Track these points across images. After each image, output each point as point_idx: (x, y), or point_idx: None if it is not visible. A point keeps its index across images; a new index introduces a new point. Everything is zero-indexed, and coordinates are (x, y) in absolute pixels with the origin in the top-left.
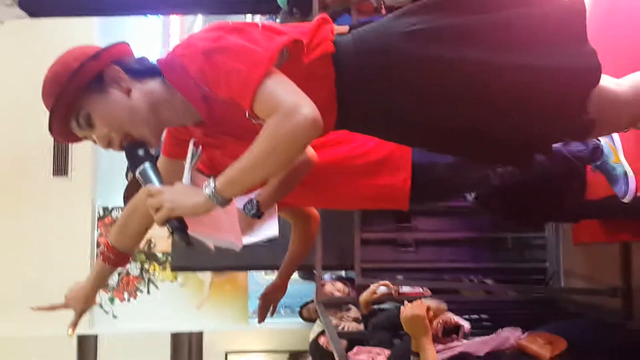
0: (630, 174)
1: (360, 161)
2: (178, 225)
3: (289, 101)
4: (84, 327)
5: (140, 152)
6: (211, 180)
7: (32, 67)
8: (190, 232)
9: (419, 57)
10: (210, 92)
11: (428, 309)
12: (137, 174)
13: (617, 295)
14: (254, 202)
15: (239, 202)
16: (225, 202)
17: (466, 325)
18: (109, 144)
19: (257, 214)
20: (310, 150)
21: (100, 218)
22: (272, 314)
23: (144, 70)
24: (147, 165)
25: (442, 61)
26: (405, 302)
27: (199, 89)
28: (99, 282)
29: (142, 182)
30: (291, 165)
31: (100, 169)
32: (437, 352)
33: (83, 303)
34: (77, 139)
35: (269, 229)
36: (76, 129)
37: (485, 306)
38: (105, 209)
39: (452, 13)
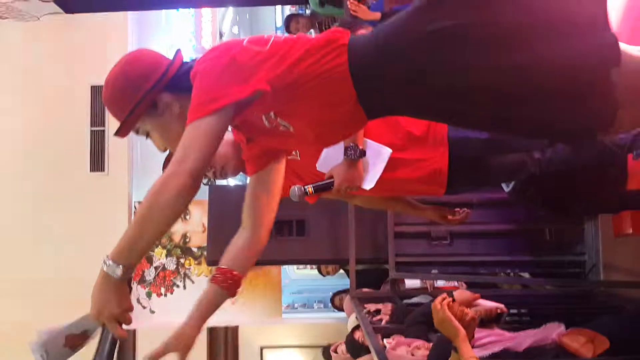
0: None
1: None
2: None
3: (185, 150)
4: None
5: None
6: (104, 256)
7: (69, 62)
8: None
9: (437, 61)
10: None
11: (450, 306)
12: None
13: None
14: (354, 146)
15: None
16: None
17: (502, 307)
18: (165, 150)
19: (361, 153)
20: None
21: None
22: None
23: (191, 86)
24: None
25: (462, 65)
26: (433, 304)
27: None
28: (209, 313)
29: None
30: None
31: (136, 164)
32: (481, 346)
33: (186, 342)
34: None
35: (379, 155)
36: (137, 134)
37: (523, 300)
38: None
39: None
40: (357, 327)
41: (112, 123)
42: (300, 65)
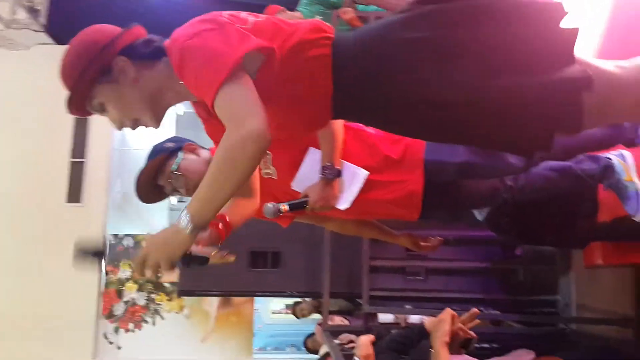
0: None
1: (377, 162)
2: (185, 262)
3: (239, 113)
4: (87, 358)
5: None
6: (182, 212)
7: (55, 93)
8: None
9: (414, 67)
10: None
11: (454, 317)
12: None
13: (630, 326)
14: (331, 166)
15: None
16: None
17: (472, 333)
18: (121, 126)
19: (337, 173)
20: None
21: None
22: None
23: (150, 54)
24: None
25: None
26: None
27: None
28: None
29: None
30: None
31: (113, 197)
32: None
33: None
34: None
35: (355, 176)
36: (92, 111)
37: (496, 337)
38: (115, 236)
39: (445, 26)
40: (328, 354)
41: (92, 155)
42: (286, 50)
